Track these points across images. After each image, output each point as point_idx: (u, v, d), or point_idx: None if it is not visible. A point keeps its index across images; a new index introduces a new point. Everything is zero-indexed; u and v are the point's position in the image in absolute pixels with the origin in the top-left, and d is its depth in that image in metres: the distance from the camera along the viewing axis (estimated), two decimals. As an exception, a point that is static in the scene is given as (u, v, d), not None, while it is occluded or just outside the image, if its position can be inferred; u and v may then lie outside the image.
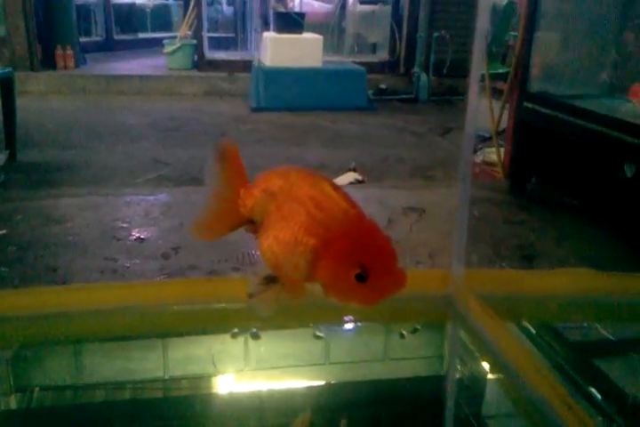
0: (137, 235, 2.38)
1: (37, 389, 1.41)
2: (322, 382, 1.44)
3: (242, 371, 1.47)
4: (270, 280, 0.80)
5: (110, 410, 1.37)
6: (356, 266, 0.69)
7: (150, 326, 1.58)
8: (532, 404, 1.08)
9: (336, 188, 0.76)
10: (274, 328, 1.54)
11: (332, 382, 1.44)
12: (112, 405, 1.40)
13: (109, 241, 2.32)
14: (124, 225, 2.47)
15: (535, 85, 2.82)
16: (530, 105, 2.77)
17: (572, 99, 2.64)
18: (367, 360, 1.45)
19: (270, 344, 1.52)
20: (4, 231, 2.39)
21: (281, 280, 0.79)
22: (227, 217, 0.87)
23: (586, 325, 1.50)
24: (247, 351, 1.48)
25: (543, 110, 2.68)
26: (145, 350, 1.57)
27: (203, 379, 1.47)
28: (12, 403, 1.40)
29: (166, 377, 1.46)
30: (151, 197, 2.83)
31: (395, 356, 1.46)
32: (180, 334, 1.59)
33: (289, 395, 1.39)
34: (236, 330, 1.48)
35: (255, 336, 1.45)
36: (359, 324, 1.49)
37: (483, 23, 1.25)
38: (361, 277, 0.69)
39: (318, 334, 1.46)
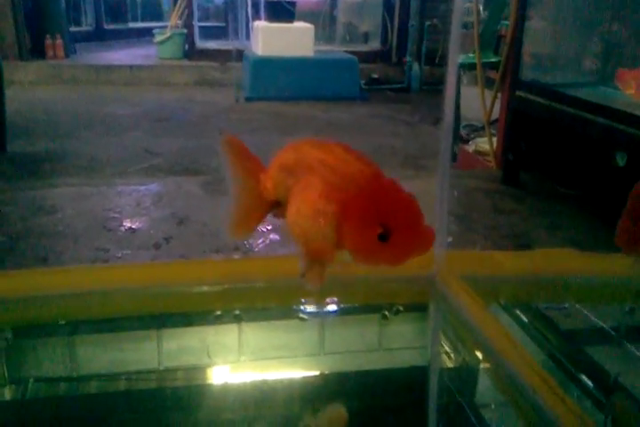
0: (128, 225, 2.36)
1: (32, 380, 1.41)
2: (313, 373, 1.44)
3: (236, 362, 1.48)
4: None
5: (105, 401, 1.37)
6: (376, 226, 0.67)
7: (140, 308, 1.57)
8: (512, 383, 1.09)
9: (349, 150, 0.74)
10: (258, 309, 1.54)
11: (322, 370, 1.44)
12: (106, 396, 1.39)
13: (100, 231, 2.30)
14: (116, 215, 2.46)
15: (527, 74, 2.81)
16: (522, 94, 2.76)
17: (564, 87, 2.64)
18: (353, 345, 1.46)
19: (258, 335, 1.52)
20: (-6, 222, 2.37)
21: (313, 254, 0.76)
22: (255, 206, 0.86)
23: (567, 305, 1.51)
24: (240, 341, 1.49)
25: (535, 99, 2.67)
26: (139, 341, 1.57)
27: (197, 370, 1.47)
28: (7, 394, 1.40)
29: (161, 368, 1.46)
30: (142, 187, 2.81)
31: (377, 338, 1.47)
32: (173, 322, 1.59)
33: (278, 385, 1.39)
34: (219, 312, 1.48)
35: (238, 318, 1.45)
36: (342, 305, 1.49)
37: (458, 11, 1.25)
38: (383, 237, 0.67)
39: (303, 316, 1.46)
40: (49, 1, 6.53)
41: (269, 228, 2.28)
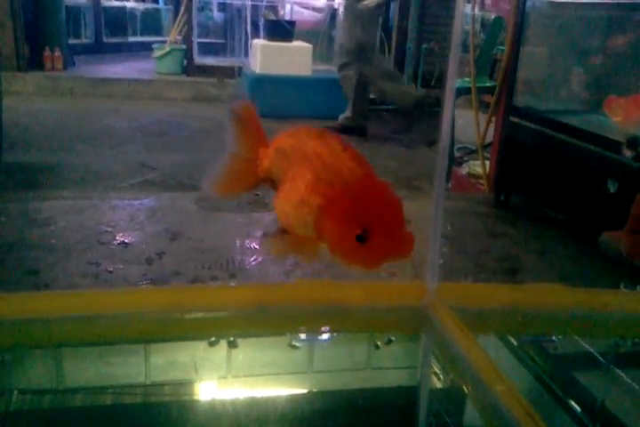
0: (121, 239, 2.37)
1: (16, 392, 1.40)
2: (301, 391, 1.45)
3: (224, 378, 1.48)
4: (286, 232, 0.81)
5: (90, 415, 1.36)
6: (356, 226, 0.67)
7: (129, 334, 1.57)
8: (496, 413, 1.11)
9: (346, 147, 0.75)
10: (251, 336, 1.54)
11: (309, 390, 1.44)
12: (92, 409, 1.39)
13: (93, 245, 2.31)
14: (109, 229, 2.46)
15: (521, 100, 2.86)
16: (515, 119, 2.80)
17: (557, 114, 2.68)
18: (342, 369, 1.47)
19: (247, 352, 1.52)
20: (-13, 233, 2.37)
21: (293, 238, 0.79)
22: (245, 176, 0.89)
23: (555, 338, 1.54)
24: (229, 358, 1.49)
25: (528, 125, 2.71)
26: (127, 355, 1.57)
27: (184, 385, 1.47)
28: None
29: (148, 382, 1.46)
30: (136, 202, 2.82)
31: (369, 366, 1.48)
32: (161, 341, 1.58)
33: (270, 403, 1.39)
34: (213, 339, 1.48)
35: (233, 345, 1.46)
36: (335, 334, 1.50)
37: (457, 35, 1.28)
38: (361, 238, 0.67)
39: (295, 343, 1.47)
40: (49, 13, 6.57)
41: (257, 247, 2.29)
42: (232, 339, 1.46)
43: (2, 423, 1.33)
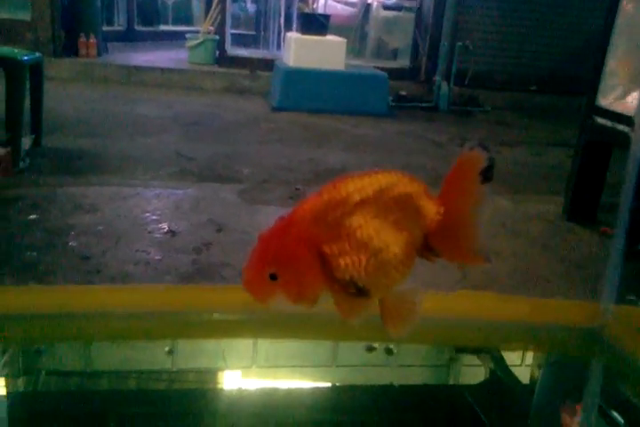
0: (167, 228, 2.38)
1: (44, 373, 1.41)
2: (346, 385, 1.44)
3: (248, 368, 1.48)
4: None
5: (114, 398, 1.37)
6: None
7: (156, 332, 1.57)
8: None
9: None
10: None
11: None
12: (116, 393, 1.40)
13: (140, 233, 2.32)
14: (155, 217, 2.47)
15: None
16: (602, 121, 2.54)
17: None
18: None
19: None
20: (35, 216, 2.39)
21: None
22: None
23: None
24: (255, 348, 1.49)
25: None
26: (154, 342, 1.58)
27: (209, 373, 1.47)
28: (20, 385, 1.41)
29: (174, 369, 1.47)
30: (179, 191, 2.83)
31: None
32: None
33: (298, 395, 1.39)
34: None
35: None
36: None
37: None
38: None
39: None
40: (85, 0, 6.60)
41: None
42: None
43: (29, 402, 1.35)
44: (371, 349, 1.48)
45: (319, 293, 0.74)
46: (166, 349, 1.51)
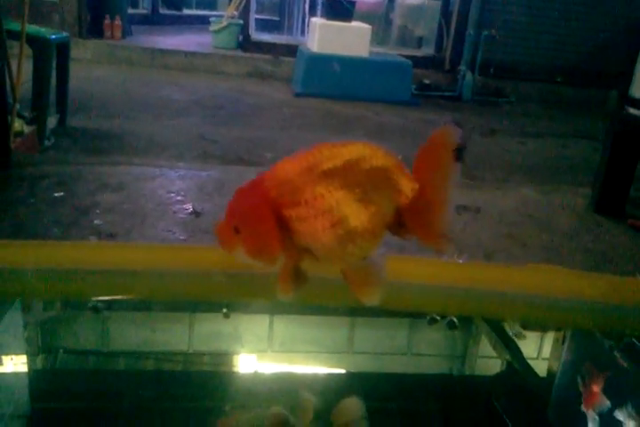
0: (192, 209, 2.38)
1: (61, 351, 1.42)
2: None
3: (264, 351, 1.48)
4: None
5: (130, 377, 1.38)
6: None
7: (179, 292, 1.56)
8: None
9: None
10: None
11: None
12: (132, 373, 1.40)
13: (165, 213, 2.32)
14: (179, 198, 2.47)
15: None
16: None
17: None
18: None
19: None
20: (62, 193, 2.40)
21: None
22: None
23: None
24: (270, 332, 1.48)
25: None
26: (172, 322, 1.58)
27: (225, 356, 1.47)
28: (38, 363, 1.41)
29: (190, 351, 1.47)
30: (204, 173, 2.83)
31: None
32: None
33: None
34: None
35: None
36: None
37: None
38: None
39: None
40: (110, -18, 6.60)
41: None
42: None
43: (46, 379, 1.36)
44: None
45: (276, 253, 0.75)
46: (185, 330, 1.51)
